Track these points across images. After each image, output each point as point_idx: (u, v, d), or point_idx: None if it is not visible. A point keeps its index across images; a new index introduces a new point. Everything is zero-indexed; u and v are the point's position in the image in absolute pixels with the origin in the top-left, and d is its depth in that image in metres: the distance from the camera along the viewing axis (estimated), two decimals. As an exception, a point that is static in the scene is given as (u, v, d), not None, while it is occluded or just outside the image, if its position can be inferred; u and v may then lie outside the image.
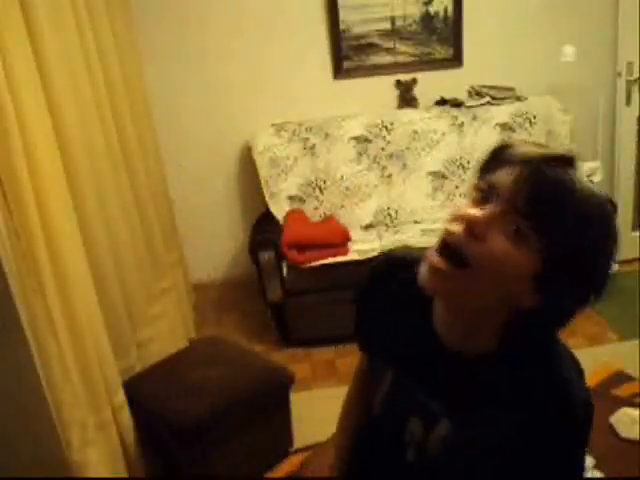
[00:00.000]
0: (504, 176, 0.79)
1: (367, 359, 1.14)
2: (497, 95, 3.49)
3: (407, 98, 3.56)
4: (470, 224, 0.78)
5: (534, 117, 3.47)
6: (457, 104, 3.50)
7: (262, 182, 3.35)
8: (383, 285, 1.05)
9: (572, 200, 0.76)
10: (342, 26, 3.43)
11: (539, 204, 0.76)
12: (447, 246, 0.80)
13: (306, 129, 3.41)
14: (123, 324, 2.22)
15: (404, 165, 3.46)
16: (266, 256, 2.98)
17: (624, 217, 3.64)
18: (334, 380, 2.81)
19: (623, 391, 2.44)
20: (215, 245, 3.74)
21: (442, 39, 3.53)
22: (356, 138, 3.42)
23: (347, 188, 3.40)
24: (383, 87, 3.57)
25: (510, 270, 0.78)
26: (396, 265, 1.04)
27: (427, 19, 3.48)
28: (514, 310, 0.82)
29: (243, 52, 3.44)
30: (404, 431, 0.98)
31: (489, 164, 0.84)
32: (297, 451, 2.33)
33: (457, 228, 0.80)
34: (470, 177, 3.49)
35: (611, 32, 3.54)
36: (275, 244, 2.99)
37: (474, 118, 3.46)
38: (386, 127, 3.43)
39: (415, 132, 3.44)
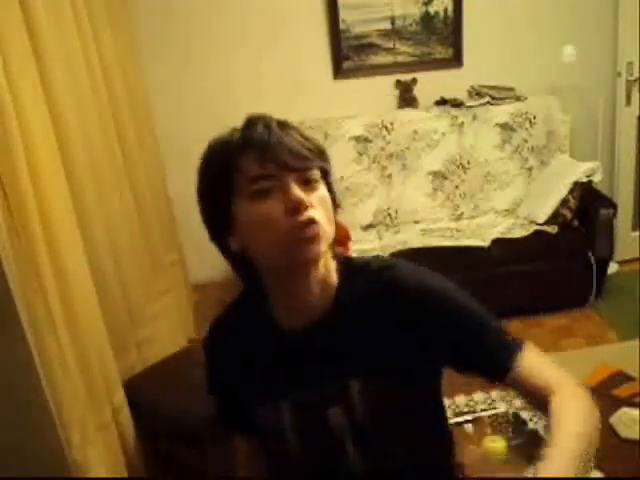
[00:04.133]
0: (265, 162, 0.90)
1: (245, 438, 1.16)
2: (497, 95, 3.49)
3: (407, 98, 3.56)
4: (301, 203, 0.88)
5: (534, 117, 3.47)
6: (457, 104, 3.50)
7: (262, 182, 3.35)
8: (222, 350, 1.10)
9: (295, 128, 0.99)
10: (342, 26, 3.43)
11: (302, 149, 0.92)
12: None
13: (306, 129, 3.39)
14: (123, 324, 2.22)
15: (404, 165, 3.46)
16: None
17: (624, 217, 3.64)
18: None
19: (623, 391, 2.44)
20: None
21: (442, 39, 3.53)
22: (356, 138, 3.43)
23: (347, 188, 3.40)
24: (383, 87, 3.57)
25: (330, 207, 0.94)
26: (220, 327, 1.11)
27: (427, 19, 3.48)
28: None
29: (243, 52, 3.44)
30: (330, 430, 0.99)
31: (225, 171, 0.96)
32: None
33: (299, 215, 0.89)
34: (470, 177, 3.49)
35: (611, 32, 3.53)
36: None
37: (474, 118, 3.46)
38: (386, 127, 3.43)
39: (415, 132, 3.44)
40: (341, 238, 3.11)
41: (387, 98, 3.59)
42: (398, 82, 3.55)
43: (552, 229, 3.22)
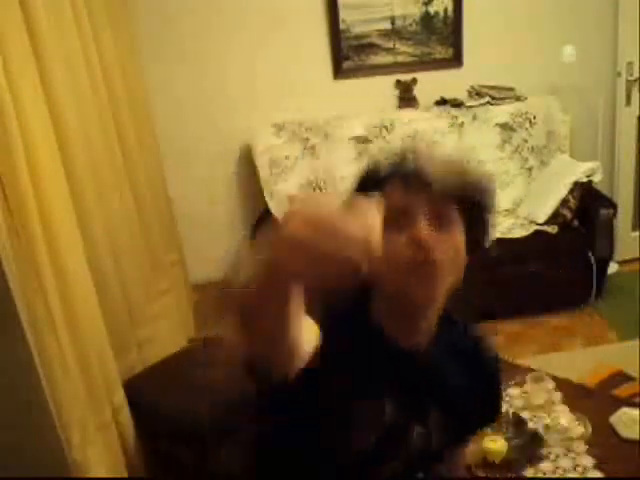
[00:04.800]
0: (403, 194, 0.89)
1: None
2: (497, 95, 3.49)
3: (407, 98, 3.56)
4: (427, 242, 0.87)
5: (534, 117, 3.47)
6: (457, 104, 3.50)
7: (262, 182, 3.35)
8: None
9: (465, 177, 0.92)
10: (342, 26, 3.43)
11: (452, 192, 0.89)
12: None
13: (306, 129, 3.41)
14: (123, 324, 2.22)
15: (404, 165, 3.46)
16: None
17: (624, 217, 3.64)
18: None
19: (623, 391, 2.44)
20: (215, 245, 3.73)
21: (442, 39, 3.53)
22: (356, 138, 3.42)
23: (347, 188, 3.40)
24: (383, 87, 3.57)
25: (461, 251, 0.92)
26: None
27: (427, 19, 3.48)
28: None
29: (243, 52, 3.44)
30: (409, 448, 0.99)
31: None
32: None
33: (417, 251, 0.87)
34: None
35: (611, 32, 3.53)
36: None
37: (474, 118, 3.46)
38: (386, 127, 3.43)
39: (415, 132, 3.43)
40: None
41: (387, 98, 3.59)
42: (398, 82, 3.55)
43: (552, 229, 3.22)
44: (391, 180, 0.91)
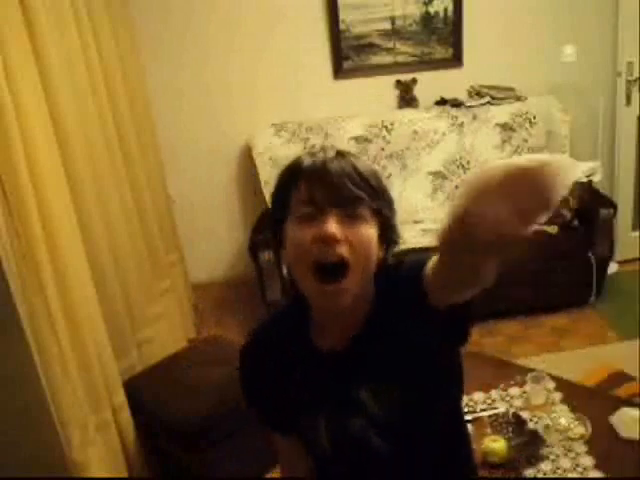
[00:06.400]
0: (314, 190, 0.93)
1: (281, 436, 1.16)
2: (497, 95, 3.49)
3: (407, 98, 3.56)
4: (333, 238, 0.90)
5: (534, 117, 3.47)
6: (457, 104, 3.50)
7: (262, 182, 3.35)
8: (260, 360, 1.11)
9: (369, 169, 0.97)
10: (342, 26, 3.43)
11: (360, 187, 0.93)
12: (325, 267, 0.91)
13: (306, 129, 3.41)
14: (123, 324, 2.22)
15: (404, 165, 3.46)
16: (266, 256, 2.98)
17: (624, 217, 3.64)
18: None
19: (623, 391, 2.44)
20: (215, 245, 3.73)
21: (442, 39, 3.53)
22: (356, 138, 3.42)
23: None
24: (383, 87, 3.57)
25: (373, 247, 0.95)
26: (261, 337, 1.13)
27: (427, 19, 3.47)
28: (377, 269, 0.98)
29: (243, 52, 3.44)
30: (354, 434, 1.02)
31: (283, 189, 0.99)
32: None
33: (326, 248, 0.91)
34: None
35: (611, 32, 3.53)
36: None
37: (474, 118, 3.46)
38: (386, 127, 3.43)
39: (415, 132, 3.43)
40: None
41: (387, 98, 3.59)
42: (398, 82, 3.55)
43: (552, 229, 3.20)
44: (303, 176, 0.95)
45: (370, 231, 0.95)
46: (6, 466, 1.62)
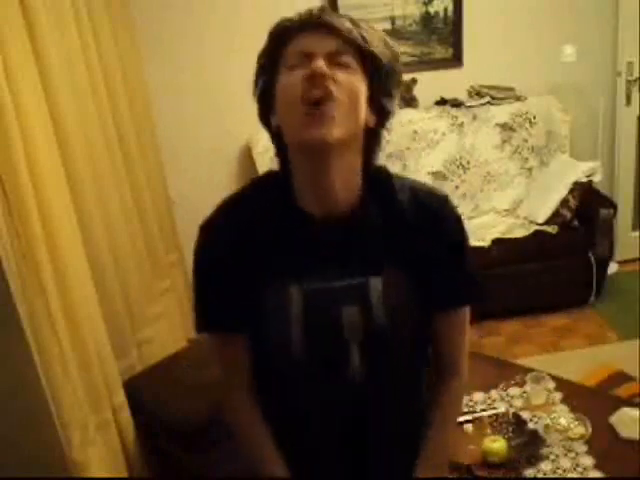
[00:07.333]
0: (304, 40, 0.94)
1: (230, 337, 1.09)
2: (497, 95, 3.49)
3: (407, 98, 3.56)
4: (321, 73, 0.90)
5: (534, 117, 3.47)
6: (457, 104, 3.50)
7: (262, 182, 3.35)
8: (230, 230, 1.08)
9: (365, 25, 0.99)
10: (342, 26, 3.42)
11: (350, 38, 0.94)
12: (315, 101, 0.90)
13: (306, 129, 3.41)
14: (123, 324, 2.22)
15: (404, 165, 3.46)
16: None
17: (624, 217, 3.64)
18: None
19: (623, 391, 2.44)
20: (215, 245, 3.73)
21: (442, 39, 3.53)
22: (356, 138, 3.42)
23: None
24: (383, 87, 3.57)
25: (360, 96, 0.94)
26: (231, 208, 1.11)
27: (427, 19, 3.48)
28: (366, 135, 1.00)
29: (243, 52, 3.41)
30: (341, 329, 0.97)
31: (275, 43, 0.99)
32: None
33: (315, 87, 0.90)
34: (470, 177, 3.50)
35: (611, 32, 3.54)
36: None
37: (474, 118, 3.46)
38: (386, 127, 3.43)
39: (415, 132, 3.44)
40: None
41: (387, 98, 3.59)
42: (398, 82, 3.55)
43: (552, 229, 3.22)
44: (295, 29, 0.96)
45: (359, 82, 0.95)
46: (6, 466, 1.62)
